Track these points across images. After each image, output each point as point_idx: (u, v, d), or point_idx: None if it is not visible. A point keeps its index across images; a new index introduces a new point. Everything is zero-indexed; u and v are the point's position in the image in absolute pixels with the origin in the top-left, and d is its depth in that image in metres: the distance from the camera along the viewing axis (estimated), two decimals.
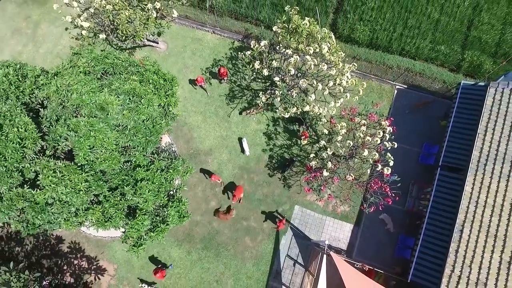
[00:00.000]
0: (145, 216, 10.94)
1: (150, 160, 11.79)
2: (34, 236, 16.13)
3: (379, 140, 13.78)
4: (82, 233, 16.27)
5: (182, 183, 13.07)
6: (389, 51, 17.68)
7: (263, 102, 15.72)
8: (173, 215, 11.74)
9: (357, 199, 16.40)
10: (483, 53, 17.41)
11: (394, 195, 14.13)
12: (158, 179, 11.24)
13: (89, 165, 10.27)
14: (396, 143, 13.93)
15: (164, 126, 12.28)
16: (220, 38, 18.81)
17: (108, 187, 10.81)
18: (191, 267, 15.93)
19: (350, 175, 13.84)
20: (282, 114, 14.89)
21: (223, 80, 17.89)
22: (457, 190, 13.70)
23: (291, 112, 14.60)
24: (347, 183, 15.34)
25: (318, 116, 16.37)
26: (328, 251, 13.85)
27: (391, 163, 13.59)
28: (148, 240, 11.44)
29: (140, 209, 10.99)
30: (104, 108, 10.32)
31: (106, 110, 10.36)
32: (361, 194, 16.23)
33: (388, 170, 13.40)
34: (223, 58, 18.49)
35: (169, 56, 18.54)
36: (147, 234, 11.39)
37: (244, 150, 16.89)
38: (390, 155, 13.71)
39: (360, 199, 16.29)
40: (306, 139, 15.95)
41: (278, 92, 14.76)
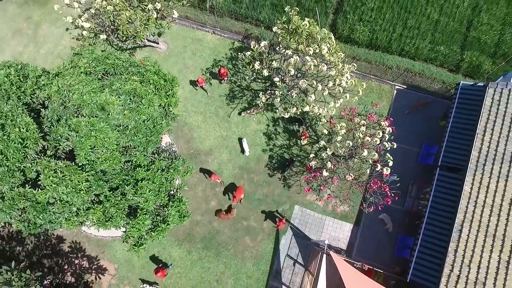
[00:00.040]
0: (146, 216, 10.98)
1: (150, 160, 11.84)
2: (35, 236, 16.18)
3: (378, 140, 13.82)
4: (83, 232, 16.33)
5: (182, 183, 13.13)
6: (389, 52, 17.73)
7: (263, 102, 15.78)
8: (174, 214, 11.78)
9: (357, 199, 16.46)
10: (482, 53, 17.45)
11: (393, 195, 14.20)
12: (159, 179, 11.28)
13: (89, 165, 10.31)
14: (395, 143, 13.97)
15: (165, 126, 12.33)
16: (220, 38, 18.87)
17: (108, 187, 10.85)
18: (192, 267, 15.98)
19: (349, 175, 13.89)
20: (282, 115, 14.93)
21: (223, 80, 17.95)
22: (456, 190, 13.76)
23: (291, 113, 14.65)
24: (346, 183, 15.40)
25: (318, 116, 16.43)
26: (328, 251, 13.89)
27: (390, 163, 13.63)
28: (148, 239, 11.48)
29: (141, 209, 11.03)
30: (104, 108, 10.37)
31: (107, 110, 10.40)
32: (360, 194, 16.28)
33: (387, 170, 13.44)
34: (223, 58, 18.54)
35: (169, 57, 18.60)
36: (147, 233, 11.44)
37: (244, 150, 16.94)
38: (390, 155, 13.76)
39: (360, 199, 16.34)
40: (306, 139, 16.00)
41: (278, 93, 14.81)
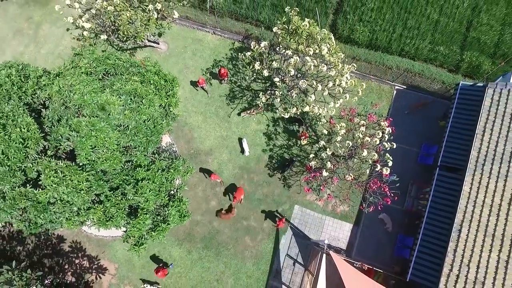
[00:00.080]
0: (146, 216, 11.01)
1: (151, 160, 11.87)
2: (36, 236, 16.23)
3: (378, 141, 13.85)
4: (83, 232, 16.37)
5: (182, 183, 13.17)
6: (389, 52, 17.76)
7: (263, 102, 15.82)
8: (174, 214, 11.81)
9: (357, 199, 16.50)
10: (482, 53, 17.49)
11: (393, 195, 14.23)
12: (159, 178, 11.31)
13: (90, 165, 10.34)
14: (395, 143, 14.00)
15: (165, 126, 12.38)
16: (221, 38, 18.92)
17: (109, 186, 10.89)
18: (192, 266, 16.02)
19: (349, 175, 13.93)
20: (282, 115, 14.96)
21: (223, 80, 17.99)
22: (456, 190, 13.80)
23: (291, 113, 14.68)
24: (346, 183, 15.44)
25: (318, 116, 16.47)
26: (328, 251, 13.92)
27: (390, 163, 13.66)
28: (149, 239, 11.52)
29: (141, 209, 11.07)
30: (105, 108, 10.41)
31: (108, 110, 10.44)
32: (360, 194, 16.32)
33: (387, 170, 13.47)
34: (223, 58, 18.58)
35: (169, 57, 18.64)
36: (148, 233, 11.47)
37: (244, 150, 16.97)
38: (389, 156, 13.79)
39: (360, 199, 16.38)
40: (306, 139, 16.04)
41: (278, 93, 14.84)
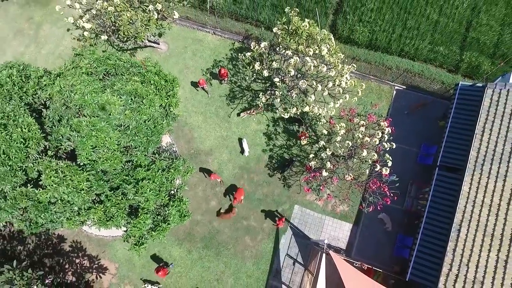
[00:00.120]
0: (147, 215, 11.05)
1: (151, 160, 11.91)
2: (36, 235, 16.27)
3: (377, 141, 13.89)
4: (84, 232, 16.41)
5: (183, 183, 13.20)
6: (388, 52, 17.80)
7: (263, 102, 15.86)
8: (174, 214, 11.85)
9: (356, 199, 16.54)
10: (481, 54, 17.52)
11: (392, 195, 14.26)
12: (159, 178, 11.35)
13: (90, 165, 10.38)
14: (394, 143, 14.03)
15: (165, 126, 12.41)
16: (221, 39, 18.96)
17: (109, 186, 10.92)
18: (192, 266, 16.06)
19: (349, 175, 13.97)
20: (282, 115, 15.00)
21: (223, 80, 18.03)
22: (455, 190, 13.84)
23: (291, 113, 14.72)
24: (346, 183, 15.49)
25: (318, 116, 16.50)
26: (328, 250, 13.95)
27: (389, 163, 13.69)
28: (149, 239, 11.56)
29: (142, 208, 11.11)
30: (106, 108, 10.44)
31: (108, 110, 10.48)
32: (360, 194, 16.37)
33: (386, 170, 13.51)
34: (223, 59, 18.62)
35: (170, 57, 18.68)
36: (148, 233, 11.51)
37: (244, 150, 17.01)
38: (389, 156, 13.83)
39: (359, 199, 16.43)
40: (306, 139, 16.07)
41: (278, 93, 14.88)
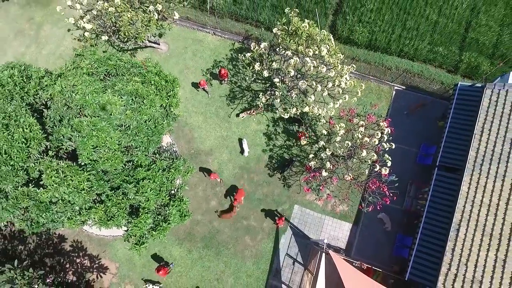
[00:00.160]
0: (148, 215, 11.10)
1: (152, 160, 11.97)
2: (37, 235, 16.33)
3: (377, 141, 13.96)
4: (84, 232, 16.47)
5: (183, 183, 13.26)
6: (388, 53, 17.86)
7: (263, 103, 15.91)
8: (175, 214, 11.90)
9: (356, 199, 16.60)
10: (480, 54, 17.59)
11: (392, 194, 14.32)
12: (160, 178, 11.39)
13: (91, 165, 10.42)
14: (394, 143, 14.09)
15: (166, 127, 12.45)
16: (221, 39, 19.01)
17: (110, 186, 10.97)
18: (192, 266, 16.12)
19: (348, 175, 14.03)
20: (282, 115, 15.06)
21: (223, 81, 18.08)
22: (454, 189, 13.90)
23: (290, 113, 14.78)
24: (345, 183, 15.56)
25: (317, 117, 16.56)
26: (327, 250, 14.01)
27: (389, 164, 13.74)
28: (150, 238, 11.60)
29: (142, 208, 11.16)
30: (106, 108, 10.50)
31: (109, 111, 10.53)
32: (359, 194, 16.43)
33: (386, 170, 13.57)
34: (223, 59, 18.68)
35: (170, 57, 18.74)
36: (149, 232, 11.56)
37: (244, 150, 17.06)
38: (388, 156, 13.89)
39: (359, 199, 16.48)
40: (306, 139, 16.12)
41: (278, 93, 14.94)
